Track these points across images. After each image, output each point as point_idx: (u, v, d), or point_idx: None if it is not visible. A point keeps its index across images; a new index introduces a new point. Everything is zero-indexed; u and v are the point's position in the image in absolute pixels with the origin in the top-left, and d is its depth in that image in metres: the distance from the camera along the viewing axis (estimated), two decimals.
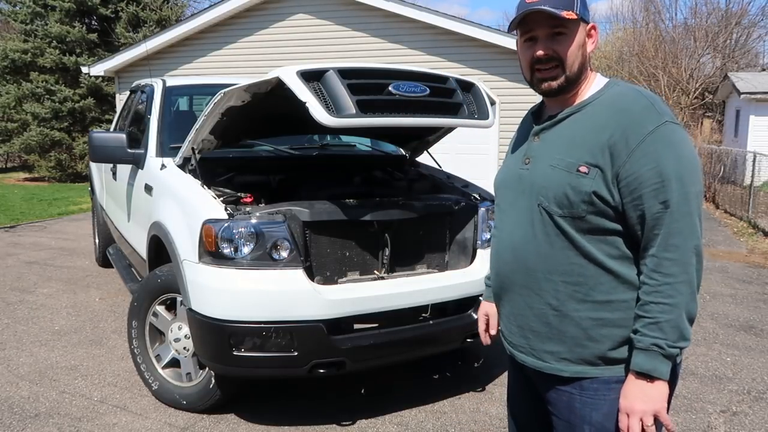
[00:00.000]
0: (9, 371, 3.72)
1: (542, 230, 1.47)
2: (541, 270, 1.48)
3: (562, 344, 1.48)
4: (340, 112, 2.57)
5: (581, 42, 1.46)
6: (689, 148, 1.39)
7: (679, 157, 1.35)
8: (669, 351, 1.35)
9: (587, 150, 1.40)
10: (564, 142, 1.46)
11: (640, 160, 1.35)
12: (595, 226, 1.42)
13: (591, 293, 1.44)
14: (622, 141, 1.37)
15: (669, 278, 1.35)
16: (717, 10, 23.83)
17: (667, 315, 1.34)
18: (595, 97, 1.46)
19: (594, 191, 1.39)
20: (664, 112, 1.39)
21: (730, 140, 18.37)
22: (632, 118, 1.38)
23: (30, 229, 8.47)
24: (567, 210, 1.42)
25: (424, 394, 3.45)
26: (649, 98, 1.41)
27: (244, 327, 2.76)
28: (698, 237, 1.37)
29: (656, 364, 1.36)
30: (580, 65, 1.46)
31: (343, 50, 9.77)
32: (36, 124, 14.15)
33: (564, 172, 1.42)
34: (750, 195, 9.92)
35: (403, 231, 3.13)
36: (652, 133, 1.35)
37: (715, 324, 4.77)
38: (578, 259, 1.44)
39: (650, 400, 1.37)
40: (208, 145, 3.32)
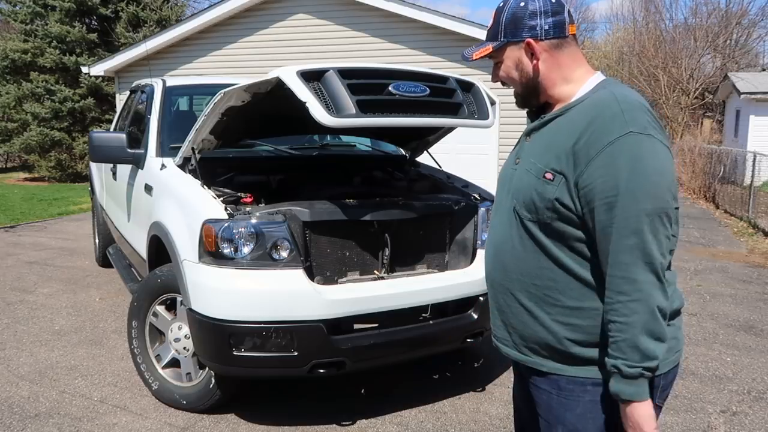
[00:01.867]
0: (9, 371, 3.72)
1: (517, 233, 1.48)
2: (515, 271, 1.49)
3: (537, 343, 1.49)
4: (340, 112, 2.57)
5: (515, 62, 1.50)
6: (652, 161, 1.31)
7: (635, 171, 1.29)
8: (628, 371, 1.31)
9: (555, 155, 1.39)
10: (542, 145, 1.46)
11: (596, 171, 1.32)
12: (562, 232, 1.40)
13: (561, 298, 1.43)
14: (584, 149, 1.34)
15: (621, 296, 1.31)
16: (717, 10, 23.85)
17: (623, 334, 1.31)
18: (581, 100, 1.44)
19: (557, 198, 1.38)
20: (633, 122, 1.32)
21: (730, 140, 18.37)
22: (598, 125, 1.34)
23: (30, 229, 8.47)
24: (534, 215, 1.43)
25: (424, 394, 3.45)
26: (624, 104, 1.36)
27: (244, 327, 2.76)
28: (651, 256, 1.31)
29: (621, 387, 1.33)
30: (524, 83, 1.51)
31: (343, 50, 9.78)
32: (36, 124, 14.15)
33: (534, 177, 1.42)
34: (750, 195, 9.92)
35: (403, 231, 3.13)
36: (613, 143, 1.31)
37: (715, 324, 4.77)
38: (548, 263, 1.43)
39: (633, 423, 1.34)
40: (208, 145, 3.33)
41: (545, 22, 1.45)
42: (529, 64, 1.48)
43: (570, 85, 1.48)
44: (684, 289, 5.72)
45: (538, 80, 1.49)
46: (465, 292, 3.19)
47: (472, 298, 3.20)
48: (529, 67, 1.49)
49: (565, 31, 1.46)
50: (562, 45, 1.47)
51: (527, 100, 1.55)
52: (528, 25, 1.46)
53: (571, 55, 1.48)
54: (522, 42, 1.47)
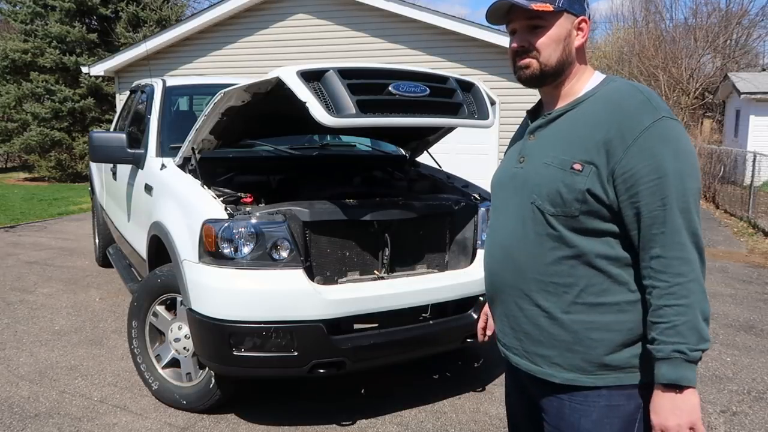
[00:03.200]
0: (9, 371, 3.72)
1: (533, 229, 1.43)
2: (531, 270, 1.44)
3: (553, 348, 1.43)
4: (340, 112, 2.57)
5: (562, 35, 1.42)
6: (687, 143, 1.35)
7: (677, 152, 1.31)
8: (692, 355, 1.29)
9: (582, 147, 1.37)
10: (559, 139, 1.43)
11: (636, 156, 1.31)
12: (588, 225, 1.38)
13: (582, 295, 1.39)
14: (618, 137, 1.33)
15: (679, 278, 1.29)
16: (717, 10, 23.85)
17: (683, 317, 1.29)
18: (591, 93, 1.43)
19: (588, 189, 1.35)
20: (661, 107, 1.35)
21: (730, 140, 18.37)
22: (628, 113, 1.34)
23: (30, 229, 8.47)
24: (560, 209, 1.39)
25: (424, 394, 3.45)
26: (646, 93, 1.38)
27: (244, 327, 2.76)
28: (699, 234, 1.33)
29: (682, 372, 1.29)
30: (560, 59, 1.43)
31: (343, 50, 9.78)
32: (36, 124, 14.15)
33: (558, 170, 1.39)
34: (750, 195, 9.93)
35: (403, 231, 3.13)
36: (649, 128, 1.32)
37: (715, 324, 4.77)
38: (569, 259, 1.40)
39: (683, 412, 1.29)
40: (208, 145, 3.33)
41: (588, 5, 1.45)
42: (574, 42, 1.44)
43: (584, 75, 1.47)
44: None
45: (572, 61, 1.45)
46: (465, 292, 3.19)
47: (472, 298, 3.20)
48: (573, 44, 1.44)
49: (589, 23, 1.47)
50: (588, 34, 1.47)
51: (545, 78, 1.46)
52: (585, 2, 1.45)
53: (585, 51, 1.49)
54: (577, 17, 1.43)
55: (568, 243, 1.39)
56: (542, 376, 1.46)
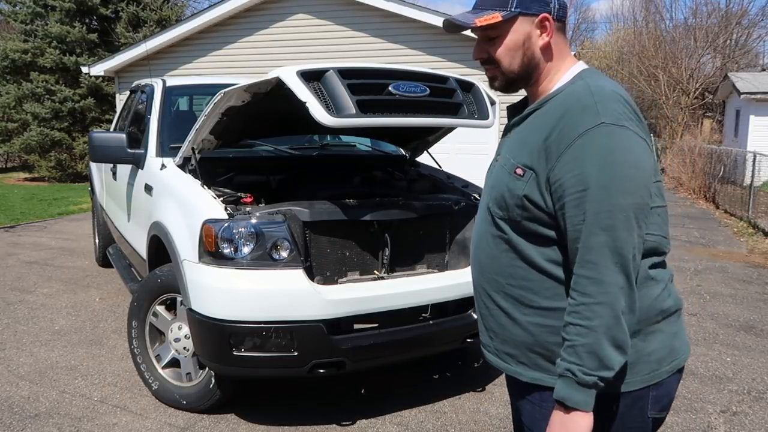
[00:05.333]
0: (9, 371, 3.72)
1: (489, 231, 1.41)
2: (490, 271, 1.43)
3: (517, 348, 1.41)
4: (340, 112, 2.57)
5: (519, 40, 1.36)
6: (627, 154, 1.23)
7: (607, 164, 1.21)
8: (583, 378, 1.22)
9: (527, 151, 1.32)
10: (518, 141, 1.38)
11: (566, 165, 1.24)
12: (532, 230, 1.33)
13: (536, 299, 1.35)
14: (555, 143, 1.27)
15: (585, 298, 1.23)
16: (717, 10, 23.87)
17: (583, 339, 1.22)
18: (558, 91, 1.35)
19: (525, 195, 1.30)
20: (606, 112, 1.24)
21: (730, 140, 18.37)
22: (569, 117, 1.27)
23: (30, 229, 8.47)
24: (505, 212, 1.36)
25: (424, 394, 3.45)
26: (598, 95, 1.28)
27: (244, 327, 2.76)
28: (627, 255, 1.22)
29: (571, 392, 1.23)
30: (523, 63, 1.38)
31: (343, 50, 9.78)
32: (36, 124, 14.15)
33: (506, 173, 1.36)
34: (750, 195, 9.93)
35: (403, 231, 3.13)
36: (582, 135, 1.23)
37: (715, 324, 4.77)
38: (521, 262, 1.36)
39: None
40: (208, 145, 3.33)
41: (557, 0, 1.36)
42: (537, 42, 1.36)
43: (557, 74, 1.39)
44: (684, 289, 5.72)
45: (538, 63, 1.38)
46: (465, 292, 3.18)
47: (472, 298, 3.18)
48: (536, 46, 1.36)
49: (566, 15, 1.39)
50: (562, 30, 1.39)
51: (515, 84, 1.42)
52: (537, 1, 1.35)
53: (564, 42, 1.41)
54: (536, 16, 1.35)
55: (518, 247, 1.36)
56: (512, 374, 1.44)
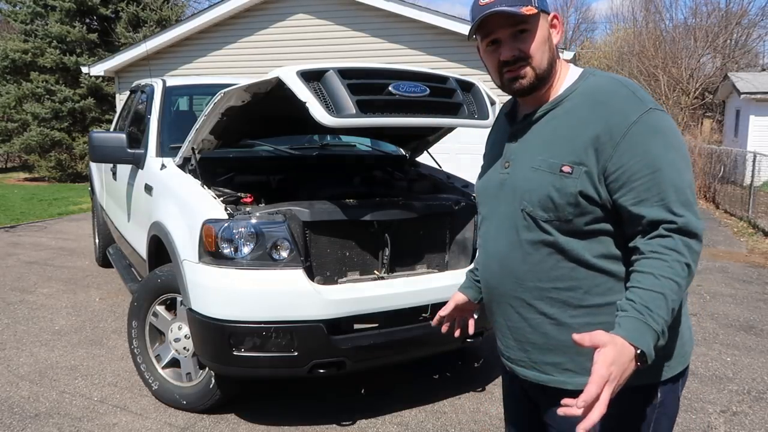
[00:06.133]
0: (9, 371, 3.72)
1: (527, 237, 1.38)
2: (530, 279, 1.39)
3: (564, 354, 1.38)
4: (340, 112, 2.57)
5: (545, 35, 1.37)
6: (677, 134, 1.31)
7: (668, 144, 1.28)
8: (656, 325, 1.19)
9: (569, 148, 1.32)
10: (544, 141, 1.37)
11: (626, 152, 1.27)
12: (583, 227, 1.33)
13: (587, 297, 1.35)
14: (606, 134, 1.28)
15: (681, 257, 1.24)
16: (717, 10, 23.85)
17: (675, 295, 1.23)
18: (571, 90, 1.38)
19: (580, 191, 1.30)
20: (646, 99, 1.31)
21: (730, 140, 18.37)
22: (614, 108, 1.30)
23: (30, 229, 8.47)
24: (553, 213, 1.34)
25: (424, 394, 3.45)
26: (629, 86, 1.33)
27: (244, 327, 2.76)
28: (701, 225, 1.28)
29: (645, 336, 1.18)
30: (550, 59, 1.38)
31: (343, 50, 9.78)
32: (36, 124, 14.15)
33: (547, 174, 1.34)
34: (750, 195, 9.93)
35: (403, 231, 3.13)
36: (637, 122, 1.27)
37: (715, 324, 4.77)
38: (568, 263, 1.35)
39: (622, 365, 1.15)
40: (208, 145, 3.33)
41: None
42: (553, 40, 1.39)
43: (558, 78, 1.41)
44: None
45: (554, 60, 1.40)
46: None
47: None
48: (553, 44, 1.39)
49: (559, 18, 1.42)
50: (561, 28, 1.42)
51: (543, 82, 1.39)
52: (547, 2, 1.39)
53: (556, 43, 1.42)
54: (549, 15, 1.39)
55: (565, 247, 1.35)
56: (554, 384, 1.41)
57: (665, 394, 1.38)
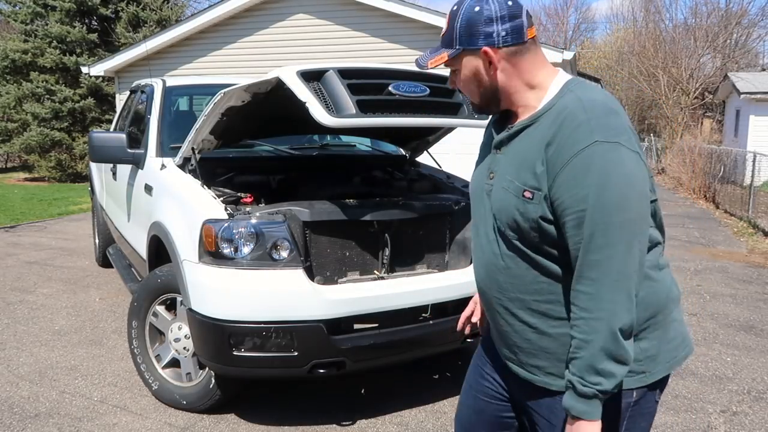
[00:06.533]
0: (9, 371, 3.72)
1: (506, 251, 1.41)
2: (512, 290, 1.42)
3: (546, 360, 1.42)
4: (340, 112, 2.57)
5: (471, 71, 1.41)
6: (620, 170, 1.24)
7: (602, 184, 1.23)
8: (582, 390, 1.27)
9: (530, 171, 1.33)
10: (514, 160, 1.38)
11: (563, 185, 1.27)
12: (553, 248, 1.35)
13: (564, 311, 1.37)
14: (552, 162, 1.29)
15: (584, 312, 1.27)
16: (717, 10, 23.86)
17: (581, 352, 1.28)
18: (548, 107, 1.36)
19: (541, 216, 1.31)
20: (599, 129, 1.26)
21: (730, 140, 18.37)
22: (564, 135, 1.28)
23: (30, 229, 8.47)
24: (520, 235, 1.37)
25: (424, 394, 3.45)
26: (590, 111, 1.28)
27: (244, 327, 2.76)
28: (623, 269, 1.25)
29: (573, 403, 1.29)
30: (483, 93, 1.43)
31: (343, 50, 9.78)
32: (36, 124, 14.16)
33: (513, 196, 1.36)
34: (750, 195, 9.93)
35: (403, 231, 3.13)
36: (578, 154, 1.25)
37: (715, 324, 4.78)
38: (545, 278, 1.37)
39: None
40: (208, 145, 3.33)
41: (502, 28, 1.35)
42: (487, 73, 1.40)
43: (534, 90, 1.40)
44: (684, 289, 5.72)
45: (497, 89, 1.41)
46: (465, 292, 3.18)
47: (471, 298, 3.20)
48: (487, 76, 1.40)
49: (523, 37, 1.37)
50: (521, 51, 1.38)
51: (486, 109, 1.48)
52: (484, 32, 1.36)
53: (532, 59, 1.39)
54: (478, 50, 1.38)
55: (540, 263, 1.37)
56: (540, 384, 1.46)
57: (641, 395, 1.41)
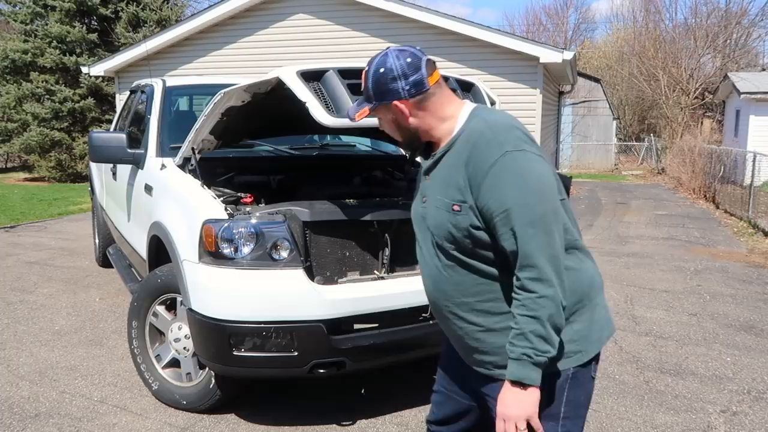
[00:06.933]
0: (9, 371, 3.72)
1: (446, 262, 1.62)
2: (457, 296, 1.62)
3: (497, 355, 1.60)
4: (340, 112, 2.57)
5: (391, 118, 1.64)
6: (531, 171, 1.48)
7: (518, 185, 1.46)
8: (537, 359, 1.47)
9: (456, 187, 1.54)
10: (441, 181, 1.60)
11: (486, 193, 1.48)
12: (486, 251, 1.55)
13: (505, 306, 1.56)
14: (473, 176, 1.50)
15: (530, 293, 1.46)
16: (717, 10, 23.83)
17: (531, 326, 1.46)
18: (460, 132, 1.58)
19: (470, 224, 1.52)
20: (506, 142, 1.49)
21: (730, 140, 18.35)
22: (478, 151, 1.51)
23: (30, 229, 8.47)
24: (456, 245, 1.57)
25: (424, 394, 3.43)
26: (495, 129, 1.52)
27: (244, 327, 2.76)
28: (551, 252, 1.47)
29: (527, 372, 1.47)
30: (403, 135, 1.67)
31: (343, 50, 9.78)
32: (36, 125, 14.16)
33: (444, 212, 1.57)
34: (750, 195, 9.93)
35: (403, 231, 3.11)
36: (493, 165, 1.47)
37: (715, 324, 4.77)
38: (484, 279, 1.58)
39: (523, 406, 1.49)
40: (208, 145, 3.32)
41: (405, 83, 1.57)
42: (402, 119, 1.62)
43: (447, 122, 1.61)
44: (684, 289, 5.72)
45: (415, 130, 1.64)
46: None
47: None
48: (403, 122, 1.63)
49: (425, 86, 1.58)
50: (427, 97, 1.59)
51: (411, 146, 1.70)
52: (391, 89, 1.58)
53: (439, 100, 1.61)
54: (390, 104, 1.61)
55: (478, 268, 1.57)
56: (497, 376, 1.62)
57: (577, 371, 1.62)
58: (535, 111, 9.06)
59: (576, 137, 22.01)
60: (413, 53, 1.59)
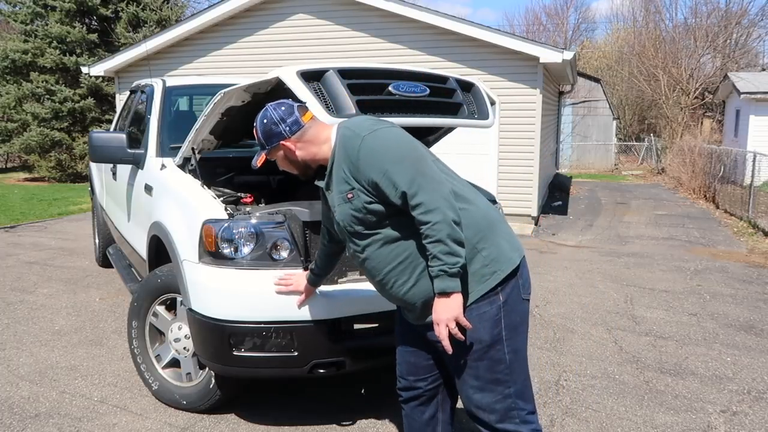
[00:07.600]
0: (9, 371, 3.72)
1: (363, 243, 2.05)
2: (383, 269, 2.04)
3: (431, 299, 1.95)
4: (340, 112, 2.57)
5: (283, 156, 2.14)
6: (388, 138, 1.95)
7: (384, 152, 1.92)
8: (451, 271, 1.86)
9: (343, 182, 2.00)
10: (335, 185, 2.04)
11: (365, 171, 1.93)
12: (387, 220, 1.98)
13: (419, 257, 1.97)
14: (351, 166, 1.96)
15: (429, 223, 1.85)
16: (717, 10, 23.84)
17: (438, 247, 1.85)
18: (335, 144, 2.05)
19: (364, 203, 1.96)
20: (362, 130, 1.96)
21: (730, 140, 18.36)
22: (347, 146, 1.98)
23: (30, 229, 8.47)
24: (364, 225, 2.00)
25: None
26: (350, 126, 2.02)
27: (244, 327, 2.76)
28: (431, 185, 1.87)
29: (447, 283, 1.87)
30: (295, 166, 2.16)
31: (343, 50, 9.77)
32: (36, 125, 14.17)
33: (344, 203, 2.01)
34: (750, 195, 9.93)
35: None
36: (360, 150, 1.94)
37: (715, 324, 4.78)
38: (395, 243, 2.00)
39: (450, 309, 1.88)
40: (208, 145, 3.32)
41: (285, 125, 2.08)
42: (292, 154, 2.12)
43: (326, 144, 2.08)
44: (684, 289, 5.72)
45: (304, 160, 2.12)
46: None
47: None
48: (292, 156, 2.12)
49: (301, 124, 2.08)
50: (305, 131, 2.09)
51: (306, 175, 2.18)
52: (275, 133, 2.09)
53: (315, 130, 2.10)
54: (278, 145, 2.10)
55: (387, 236, 2.00)
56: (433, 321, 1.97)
57: (506, 295, 1.99)
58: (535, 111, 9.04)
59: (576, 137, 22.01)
60: (286, 104, 2.10)
